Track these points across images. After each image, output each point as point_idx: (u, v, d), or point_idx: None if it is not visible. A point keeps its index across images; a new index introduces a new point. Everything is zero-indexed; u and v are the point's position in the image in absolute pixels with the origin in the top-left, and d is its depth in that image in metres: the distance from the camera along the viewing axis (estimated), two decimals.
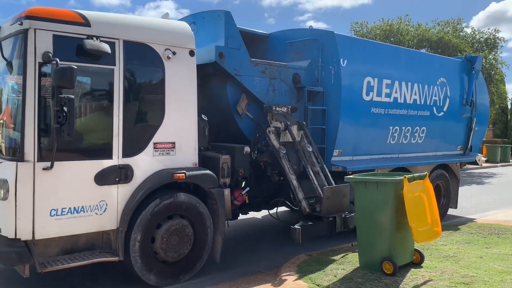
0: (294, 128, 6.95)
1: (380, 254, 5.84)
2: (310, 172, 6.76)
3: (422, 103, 8.99)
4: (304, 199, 6.64)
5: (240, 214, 7.57)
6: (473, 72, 10.05)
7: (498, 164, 26.41)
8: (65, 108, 4.68)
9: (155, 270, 5.68)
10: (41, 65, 4.90)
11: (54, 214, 5.02)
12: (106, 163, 5.34)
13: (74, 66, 4.72)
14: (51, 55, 4.87)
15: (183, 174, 5.76)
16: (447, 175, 9.90)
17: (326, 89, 7.63)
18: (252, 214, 7.81)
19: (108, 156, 5.36)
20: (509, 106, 36.68)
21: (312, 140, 7.25)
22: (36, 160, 4.89)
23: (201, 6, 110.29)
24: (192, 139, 6.05)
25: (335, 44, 7.55)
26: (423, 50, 25.11)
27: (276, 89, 7.27)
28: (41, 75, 4.91)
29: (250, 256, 7.29)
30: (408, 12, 64.00)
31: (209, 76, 7.03)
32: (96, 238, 5.47)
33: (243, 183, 6.70)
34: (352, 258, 6.52)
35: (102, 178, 5.31)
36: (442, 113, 9.48)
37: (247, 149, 6.62)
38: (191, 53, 6.03)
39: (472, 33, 27.52)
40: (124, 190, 5.48)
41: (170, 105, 5.82)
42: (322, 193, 6.58)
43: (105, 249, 5.52)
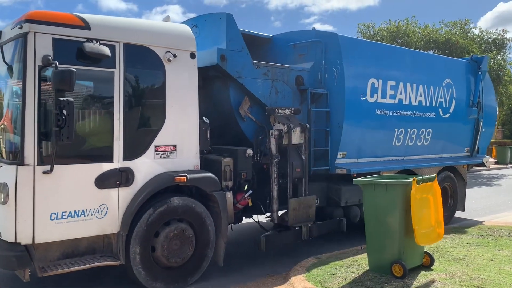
0: (297, 131, 6.89)
1: (390, 257, 5.83)
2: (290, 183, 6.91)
3: (428, 105, 8.90)
4: (277, 211, 6.84)
5: (244, 218, 7.51)
6: (480, 73, 9.93)
7: (508, 166, 26.11)
8: (64, 111, 4.66)
9: (161, 278, 5.65)
10: (41, 69, 4.89)
11: (55, 218, 5.01)
12: (107, 167, 5.32)
13: (74, 69, 4.70)
14: (51, 59, 4.86)
15: (185, 177, 5.72)
16: (454, 177, 9.79)
17: (330, 91, 7.56)
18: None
19: (109, 160, 5.34)
20: None
21: (314, 143, 7.27)
22: (36, 164, 4.88)
23: (208, 10, 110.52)
24: (194, 142, 6.01)
25: (338, 46, 7.49)
26: (431, 52, 24.99)
27: (279, 91, 7.22)
28: (41, 79, 4.90)
29: (258, 260, 7.25)
30: (415, 14, 63.72)
31: (212, 79, 7.00)
32: (97, 242, 5.45)
33: (246, 186, 6.66)
34: (362, 261, 6.50)
35: (103, 182, 5.28)
36: (448, 115, 9.37)
37: (250, 152, 6.57)
38: (192, 56, 6.00)
39: (480, 34, 27.36)
40: (125, 194, 5.45)
41: (171, 108, 5.79)
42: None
43: (107, 253, 5.50)
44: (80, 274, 5.97)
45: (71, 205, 5.11)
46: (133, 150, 5.53)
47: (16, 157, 4.91)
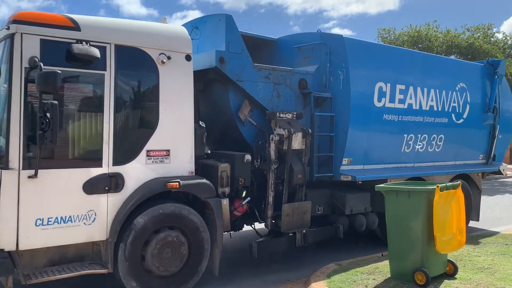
0: (299, 136, 6.65)
1: (412, 265, 5.74)
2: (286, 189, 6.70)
3: (440, 110, 8.54)
4: (271, 218, 6.64)
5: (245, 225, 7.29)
6: (496, 77, 9.51)
7: None
8: (48, 114, 4.52)
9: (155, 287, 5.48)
10: (28, 71, 4.76)
11: (40, 224, 4.86)
12: (95, 172, 5.16)
13: (59, 71, 4.56)
14: (38, 60, 4.73)
15: (177, 183, 5.52)
16: (468, 186, 9.38)
17: (335, 95, 7.29)
18: None
19: (98, 164, 5.18)
20: None
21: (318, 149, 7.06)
22: (21, 168, 4.74)
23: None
24: (188, 147, 5.81)
25: (344, 48, 7.22)
26: (453, 57, 24.49)
27: (281, 95, 6.98)
28: (28, 81, 4.77)
29: (278, 264, 7.20)
30: (436, 18, 62.62)
31: (211, 82, 6.82)
32: (86, 249, 5.29)
33: (244, 193, 6.43)
34: (383, 268, 6.38)
35: (91, 187, 5.12)
36: (462, 120, 8.99)
37: (248, 157, 6.35)
38: (188, 58, 5.81)
39: (504, 39, 26.76)
40: (115, 200, 5.28)
41: (165, 111, 5.61)
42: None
43: (96, 261, 5.33)
44: (80, 280, 5.83)
45: (58, 211, 4.96)
46: (124, 155, 5.36)
47: (1, 161, 4.78)
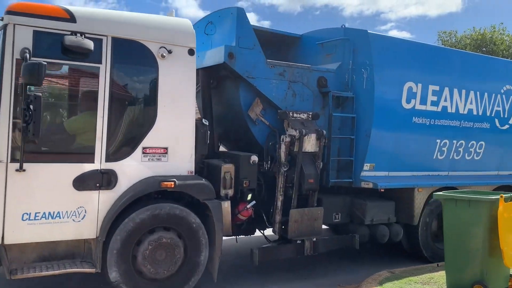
0: (312, 137, 6.21)
1: (471, 277, 5.46)
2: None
3: (481, 114, 7.78)
4: (279, 223, 6.30)
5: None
6: None
7: None
8: (31, 106, 4.40)
9: None
10: (19, 62, 4.67)
11: (27, 219, 4.76)
12: (87, 167, 5.00)
13: (44, 62, 4.43)
14: (29, 52, 4.63)
15: (173, 183, 5.27)
16: None
17: (357, 95, 6.79)
18: None
19: (89, 160, 5.01)
20: None
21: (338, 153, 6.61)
22: (9, 161, 4.66)
23: (282, 17, 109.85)
24: (188, 145, 5.55)
25: (369, 44, 6.70)
26: None
27: (297, 94, 6.57)
28: (19, 73, 4.68)
29: (328, 268, 7.12)
30: (503, 21, 59.12)
31: (224, 79, 6.54)
32: (77, 246, 5.16)
33: (249, 196, 6.08)
34: (438, 279, 6.16)
35: (81, 183, 4.97)
36: (507, 126, 8.15)
37: (254, 158, 5.98)
38: (191, 52, 5.54)
39: None
40: (106, 197, 5.11)
41: (164, 107, 5.38)
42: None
43: (87, 259, 5.18)
44: (80, 279, 5.81)
45: (46, 206, 4.84)
46: (118, 151, 5.18)
47: None
